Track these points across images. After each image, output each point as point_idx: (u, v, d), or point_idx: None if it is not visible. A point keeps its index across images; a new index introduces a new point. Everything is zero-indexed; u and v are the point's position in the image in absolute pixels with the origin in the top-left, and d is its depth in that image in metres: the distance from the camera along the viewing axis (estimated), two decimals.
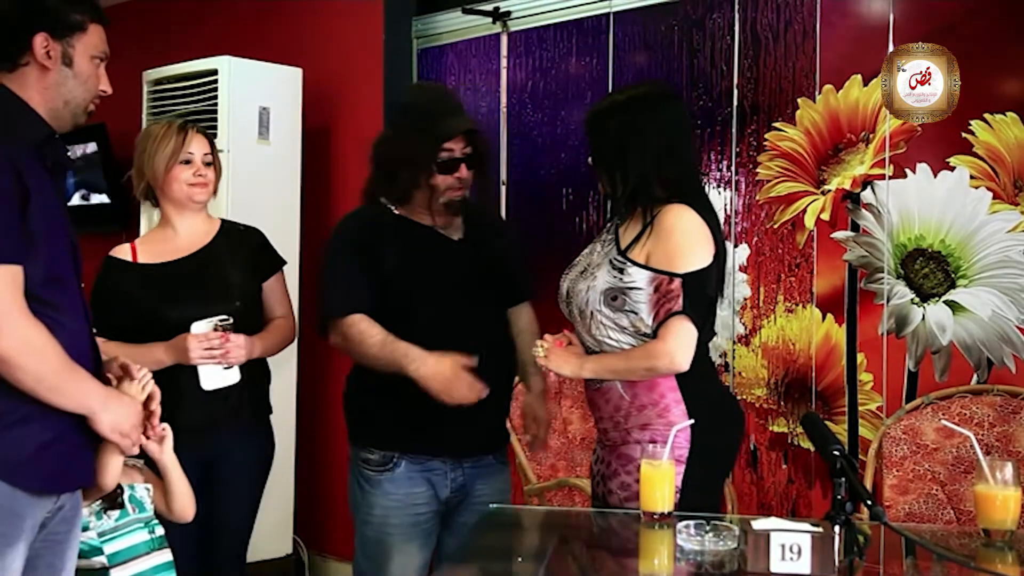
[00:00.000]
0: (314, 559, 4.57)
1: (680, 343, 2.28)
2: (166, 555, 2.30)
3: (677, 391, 2.34)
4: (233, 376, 2.76)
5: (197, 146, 2.83)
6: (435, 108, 2.61)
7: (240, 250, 2.89)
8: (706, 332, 2.39)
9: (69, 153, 2.21)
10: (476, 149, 2.59)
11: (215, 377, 2.74)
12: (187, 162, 2.80)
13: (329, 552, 4.54)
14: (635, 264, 2.33)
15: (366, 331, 2.53)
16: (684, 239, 2.32)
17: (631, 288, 2.32)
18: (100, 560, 2.19)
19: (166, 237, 2.88)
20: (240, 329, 2.76)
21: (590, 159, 2.47)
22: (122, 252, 2.83)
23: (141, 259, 2.81)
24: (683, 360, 2.29)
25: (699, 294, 2.32)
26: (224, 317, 2.72)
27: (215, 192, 2.91)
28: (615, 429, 2.40)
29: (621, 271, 2.33)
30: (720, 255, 2.38)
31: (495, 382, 2.60)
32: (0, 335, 1.85)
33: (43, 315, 1.94)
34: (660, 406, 2.34)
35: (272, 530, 4.33)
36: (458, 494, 2.64)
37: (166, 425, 2.24)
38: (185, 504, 2.33)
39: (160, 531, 2.30)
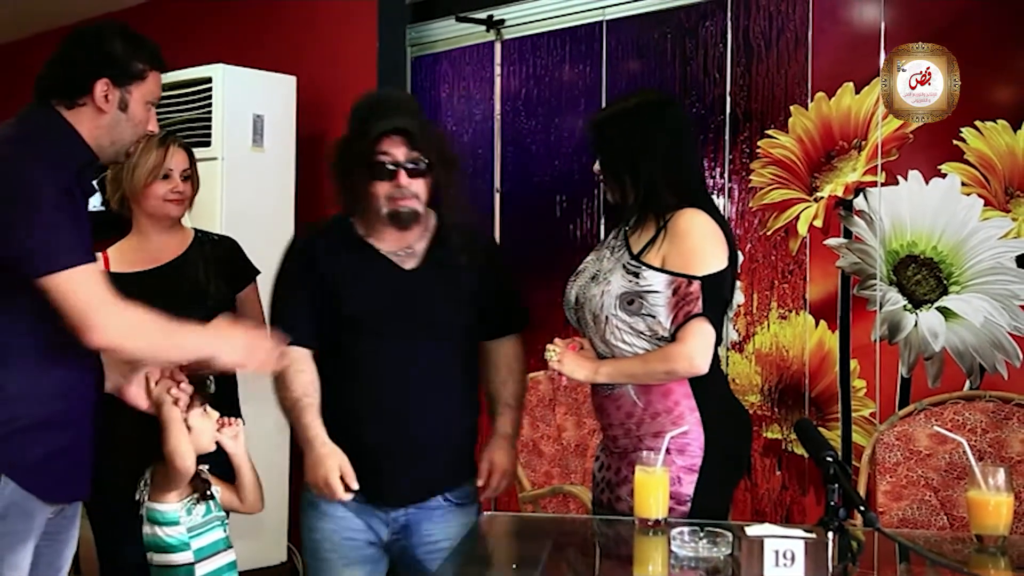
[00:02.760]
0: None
1: (700, 345, 2.28)
2: (232, 555, 2.38)
3: (691, 398, 2.32)
4: (209, 388, 2.73)
5: (177, 161, 2.80)
6: (373, 107, 2.42)
7: (214, 260, 2.87)
8: (719, 336, 2.38)
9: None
10: (427, 156, 2.36)
11: None
12: (166, 177, 2.78)
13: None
14: (650, 268, 2.31)
15: (289, 380, 2.39)
16: (701, 242, 2.31)
17: (648, 291, 2.30)
18: (188, 556, 2.27)
19: (140, 247, 2.84)
20: None
21: (597, 165, 2.44)
22: None
23: (114, 268, 2.78)
24: (703, 363, 2.28)
25: (716, 296, 2.31)
26: None
27: (191, 206, 2.89)
28: (626, 436, 2.38)
29: (636, 275, 2.32)
30: (733, 258, 2.38)
31: (445, 425, 2.43)
32: (101, 328, 1.98)
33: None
34: (674, 413, 2.32)
35: (266, 537, 4.33)
36: (400, 535, 2.46)
37: (240, 420, 2.42)
38: (256, 496, 2.45)
39: (229, 531, 2.39)
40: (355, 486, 2.32)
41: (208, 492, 2.32)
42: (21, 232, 1.94)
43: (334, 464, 2.33)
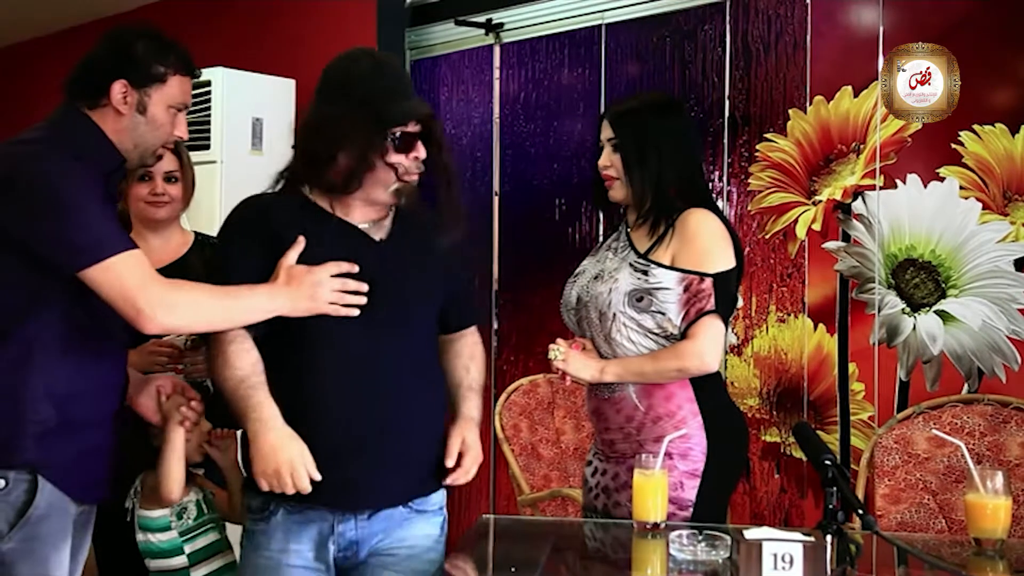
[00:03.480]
0: None
1: (711, 343, 2.28)
2: (231, 555, 2.38)
3: (694, 402, 2.32)
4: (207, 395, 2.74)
5: (159, 163, 2.78)
6: (385, 78, 2.16)
7: None
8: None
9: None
10: (430, 129, 2.15)
11: None
12: (147, 179, 2.76)
13: None
14: (660, 265, 2.31)
15: (232, 359, 2.07)
16: (712, 240, 2.32)
17: (658, 288, 2.30)
18: (181, 560, 2.27)
19: None
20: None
21: (606, 159, 2.41)
22: None
23: None
24: (713, 360, 2.29)
25: (726, 295, 2.31)
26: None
27: (186, 206, 2.86)
28: (625, 440, 2.36)
29: (645, 272, 2.32)
30: (739, 258, 2.39)
31: (416, 417, 2.14)
32: (149, 311, 1.97)
33: (99, 318, 2.07)
34: (677, 418, 2.32)
35: None
36: (349, 551, 2.11)
37: (232, 431, 2.37)
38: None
39: (224, 532, 2.39)
40: (317, 476, 2.00)
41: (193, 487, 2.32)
42: (60, 228, 1.96)
43: (298, 449, 2.00)
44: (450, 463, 2.18)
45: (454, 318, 2.31)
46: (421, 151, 2.13)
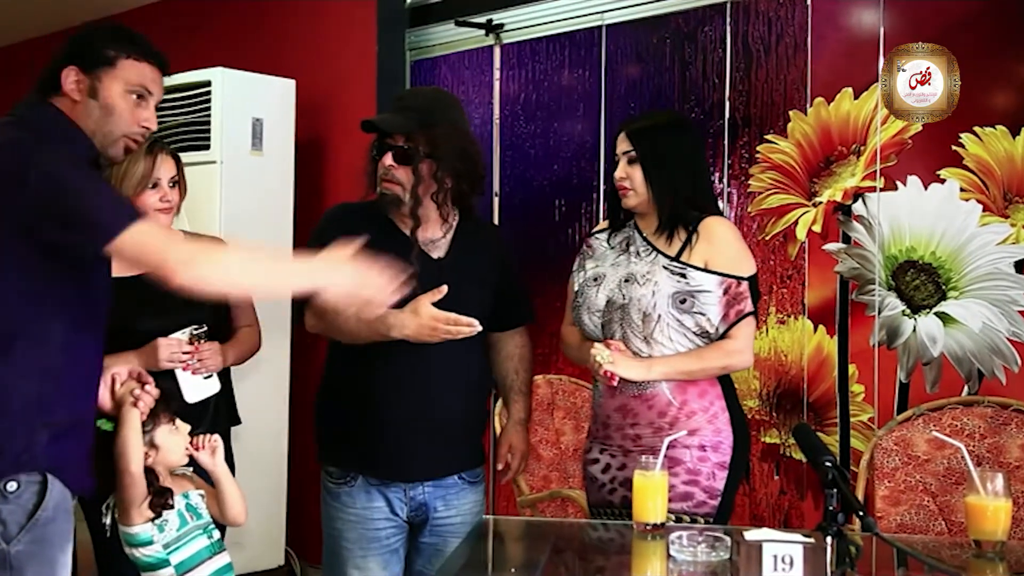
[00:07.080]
0: (307, 570, 4.55)
1: (751, 342, 2.47)
2: (225, 558, 2.35)
3: (723, 398, 2.47)
4: (214, 386, 2.73)
5: (165, 169, 2.75)
6: (393, 101, 2.60)
7: None
8: None
9: None
10: (417, 148, 2.43)
11: (197, 388, 2.71)
12: (154, 186, 2.76)
13: (321, 564, 4.53)
14: (695, 268, 2.43)
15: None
16: (741, 246, 2.51)
17: (699, 291, 2.42)
18: (168, 572, 2.25)
19: None
20: (210, 339, 2.75)
21: (622, 171, 2.51)
22: None
23: None
24: (751, 358, 2.50)
25: (756, 296, 2.48)
26: (198, 326, 2.70)
27: (178, 211, 2.88)
28: (656, 434, 2.42)
29: (683, 276, 2.43)
30: None
31: (461, 405, 2.53)
32: (182, 266, 2.00)
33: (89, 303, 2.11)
34: (710, 412, 2.45)
35: (264, 541, 4.32)
36: (418, 513, 2.54)
37: (217, 436, 2.35)
38: (239, 510, 2.38)
39: (217, 535, 2.35)
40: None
41: (170, 502, 2.27)
42: (84, 207, 1.98)
43: (419, 305, 2.35)
44: (500, 466, 2.68)
45: (502, 319, 2.64)
46: (388, 160, 2.45)
